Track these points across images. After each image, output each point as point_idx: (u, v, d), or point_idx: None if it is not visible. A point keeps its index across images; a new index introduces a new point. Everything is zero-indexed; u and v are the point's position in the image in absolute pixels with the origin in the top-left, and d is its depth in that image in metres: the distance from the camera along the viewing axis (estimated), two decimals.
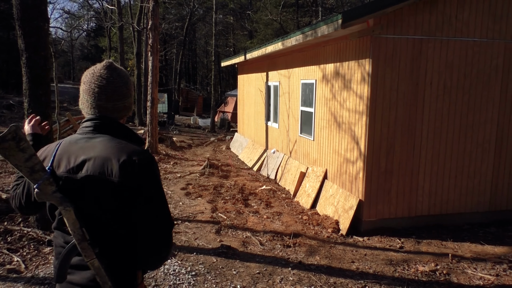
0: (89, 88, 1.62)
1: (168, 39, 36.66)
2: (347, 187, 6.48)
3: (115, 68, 1.67)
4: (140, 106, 21.61)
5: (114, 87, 1.62)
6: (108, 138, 1.57)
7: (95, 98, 1.61)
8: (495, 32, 6.20)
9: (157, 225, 1.53)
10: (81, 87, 1.66)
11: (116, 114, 1.65)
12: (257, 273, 4.61)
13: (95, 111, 1.62)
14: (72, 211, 1.48)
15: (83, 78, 1.66)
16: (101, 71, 1.63)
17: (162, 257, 1.58)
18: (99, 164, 1.49)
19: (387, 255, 5.24)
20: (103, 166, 1.49)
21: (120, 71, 1.68)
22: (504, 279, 4.62)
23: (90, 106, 1.62)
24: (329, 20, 5.81)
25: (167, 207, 1.58)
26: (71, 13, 43.68)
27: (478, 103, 6.31)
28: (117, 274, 1.55)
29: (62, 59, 56.29)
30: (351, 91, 6.31)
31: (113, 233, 1.55)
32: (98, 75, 1.62)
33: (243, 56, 12.04)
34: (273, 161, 10.00)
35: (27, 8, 5.13)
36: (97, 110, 1.62)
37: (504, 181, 6.62)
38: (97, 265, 1.50)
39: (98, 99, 1.61)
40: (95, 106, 1.61)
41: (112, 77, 1.63)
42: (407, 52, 5.89)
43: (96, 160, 1.50)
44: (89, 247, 1.50)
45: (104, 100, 1.61)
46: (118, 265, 1.56)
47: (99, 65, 1.66)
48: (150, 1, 12.11)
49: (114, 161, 1.48)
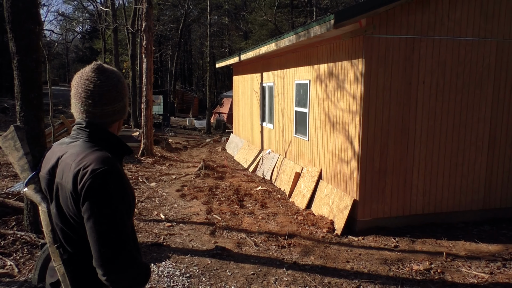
0: (77, 93, 1.56)
1: (163, 40, 36.62)
2: (341, 187, 6.49)
3: (103, 70, 1.58)
4: (135, 108, 21.56)
5: (101, 91, 1.54)
6: (81, 143, 1.52)
7: (82, 103, 1.55)
8: (486, 31, 6.23)
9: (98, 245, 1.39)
10: (71, 91, 1.61)
11: (105, 119, 1.58)
12: (251, 274, 4.61)
13: (83, 116, 1.56)
14: (46, 212, 1.47)
15: (72, 82, 1.61)
16: (89, 74, 1.56)
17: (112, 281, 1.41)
18: (62, 169, 1.47)
19: (381, 255, 5.25)
20: (65, 172, 1.45)
21: (110, 73, 1.59)
22: (498, 277, 4.64)
23: (78, 111, 1.56)
24: (321, 20, 5.82)
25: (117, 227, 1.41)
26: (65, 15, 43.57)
27: (471, 102, 6.33)
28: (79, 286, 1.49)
29: (57, 62, 56.11)
30: (345, 91, 6.32)
31: (79, 242, 1.48)
32: (85, 78, 1.55)
33: (237, 57, 12.05)
34: (268, 162, 10.00)
35: (18, 11, 5.10)
36: (84, 115, 1.56)
37: (498, 179, 6.64)
38: (62, 271, 1.45)
39: (85, 104, 1.54)
40: (83, 111, 1.55)
41: (99, 80, 1.55)
42: (399, 51, 5.90)
43: (62, 164, 1.48)
44: (56, 251, 1.46)
45: (91, 105, 1.54)
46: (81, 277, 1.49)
47: (87, 68, 1.59)
48: (144, 3, 12.09)
49: (72, 169, 1.44)
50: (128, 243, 1.45)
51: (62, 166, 1.47)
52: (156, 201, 7.53)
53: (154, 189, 8.43)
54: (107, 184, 1.41)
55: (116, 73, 1.62)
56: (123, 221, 1.44)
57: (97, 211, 1.39)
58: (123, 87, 1.63)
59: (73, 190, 1.41)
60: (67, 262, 1.46)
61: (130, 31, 21.36)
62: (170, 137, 17.23)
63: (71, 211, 1.44)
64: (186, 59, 44.49)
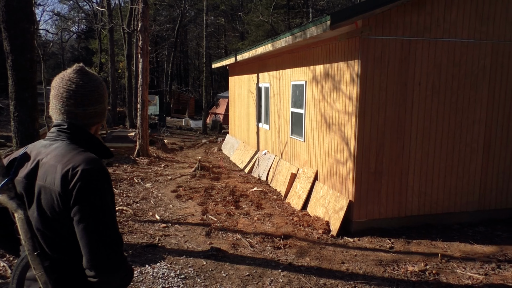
0: (58, 93, 1.53)
1: (159, 40, 36.53)
2: (337, 188, 6.48)
3: (86, 72, 1.58)
4: (131, 108, 21.49)
5: (83, 92, 1.53)
6: (64, 145, 1.50)
7: (63, 103, 1.52)
8: (482, 33, 6.25)
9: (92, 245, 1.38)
10: (51, 93, 1.58)
11: (86, 121, 1.57)
12: (246, 275, 4.59)
13: (63, 117, 1.54)
14: (23, 219, 1.42)
15: (52, 83, 1.58)
16: (71, 75, 1.55)
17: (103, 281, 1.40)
18: (47, 172, 1.44)
19: (377, 256, 5.25)
20: (50, 174, 1.43)
21: (92, 76, 1.59)
22: (493, 278, 4.65)
23: (58, 111, 1.54)
24: (318, 21, 5.82)
25: (109, 226, 1.42)
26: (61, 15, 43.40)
27: (466, 104, 6.35)
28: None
29: (52, 62, 55.83)
30: (341, 92, 6.32)
31: (62, 248, 1.46)
32: (67, 79, 1.54)
33: (234, 57, 12.03)
34: (264, 163, 9.99)
35: (12, 10, 5.07)
36: (65, 116, 1.54)
37: (493, 180, 6.67)
38: (44, 279, 1.41)
39: (67, 104, 1.52)
40: (63, 111, 1.53)
41: (82, 81, 1.54)
42: (395, 53, 5.91)
43: (45, 166, 1.45)
44: (37, 259, 1.42)
45: (73, 106, 1.53)
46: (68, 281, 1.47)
47: (69, 69, 1.58)
48: (140, 3, 12.05)
49: (58, 170, 1.41)
50: (120, 242, 1.45)
51: (45, 168, 1.44)
52: (151, 202, 7.50)
53: (150, 189, 8.40)
54: (98, 184, 1.41)
55: (97, 76, 1.62)
56: (112, 220, 1.44)
57: (91, 211, 1.38)
58: (104, 90, 1.63)
59: (61, 191, 1.39)
60: (49, 270, 1.42)
61: (126, 31, 21.30)
62: (166, 138, 17.19)
63: (58, 213, 1.41)
64: (182, 59, 44.41)
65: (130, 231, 5.88)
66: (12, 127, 5.34)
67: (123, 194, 7.90)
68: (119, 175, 9.46)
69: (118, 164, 10.78)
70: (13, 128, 5.32)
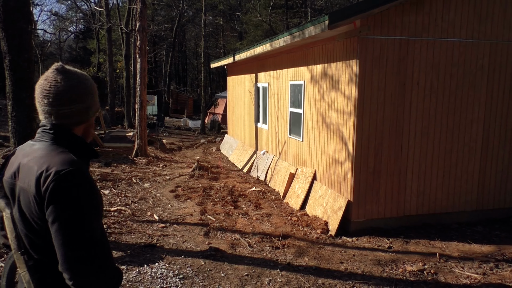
0: (37, 93, 1.52)
1: (157, 40, 36.50)
2: (336, 187, 6.48)
3: (63, 71, 1.52)
4: (129, 108, 21.46)
5: (56, 91, 1.48)
6: (45, 146, 1.48)
7: (39, 103, 1.51)
8: (480, 32, 6.26)
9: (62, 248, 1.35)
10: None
11: (64, 120, 1.51)
12: (245, 275, 4.59)
13: (44, 117, 1.52)
14: (9, 219, 1.43)
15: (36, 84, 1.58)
16: (48, 75, 1.51)
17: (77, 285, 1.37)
18: (25, 173, 1.43)
19: (375, 255, 5.25)
20: (28, 176, 1.42)
21: (71, 75, 1.53)
22: (491, 278, 4.66)
23: (39, 111, 1.53)
24: (316, 21, 5.82)
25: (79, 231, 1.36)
26: (58, 15, 43.30)
27: (465, 103, 6.36)
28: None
29: (50, 62, 55.68)
30: (339, 92, 6.32)
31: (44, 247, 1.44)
32: (44, 78, 1.51)
33: (232, 57, 12.02)
34: (263, 163, 9.99)
35: (9, 9, 5.06)
36: (43, 116, 1.52)
37: (491, 180, 6.68)
38: (27, 279, 1.41)
39: (42, 104, 1.50)
40: (41, 111, 1.51)
41: (55, 80, 1.49)
42: (394, 52, 5.91)
43: (24, 168, 1.44)
44: (21, 258, 1.42)
45: (48, 105, 1.49)
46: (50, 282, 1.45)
47: (49, 69, 1.55)
48: (138, 3, 12.03)
49: (34, 171, 1.40)
50: (95, 246, 1.39)
51: (25, 170, 1.44)
52: (149, 202, 7.49)
53: (148, 189, 8.38)
54: (71, 186, 1.37)
55: (77, 74, 1.56)
56: (89, 223, 1.39)
57: (62, 213, 1.35)
58: (85, 89, 1.55)
59: (36, 193, 1.37)
60: (33, 269, 1.42)
61: (124, 31, 21.27)
62: (164, 138, 17.17)
63: (35, 215, 1.40)
64: (181, 59, 44.39)
65: (129, 231, 5.87)
66: (10, 127, 5.33)
67: (121, 194, 7.88)
68: (118, 175, 9.44)
69: (117, 164, 10.76)
70: (11, 128, 5.31)
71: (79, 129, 1.59)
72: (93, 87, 1.60)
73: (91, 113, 1.60)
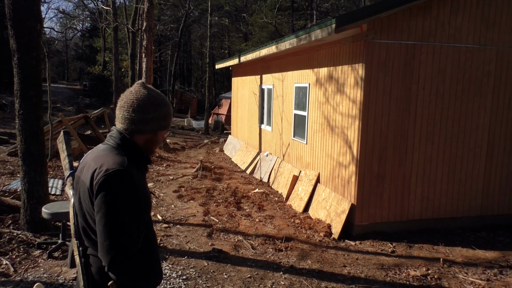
0: (119, 103, 1.76)
1: (163, 40, 36.59)
2: (339, 191, 6.48)
3: (146, 87, 1.78)
4: None
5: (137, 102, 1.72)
6: (107, 148, 1.70)
7: (119, 110, 1.76)
8: (487, 38, 6.25)
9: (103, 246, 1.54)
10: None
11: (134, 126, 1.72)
12: (248, 277, 4.59)
13: (118, 122, 1.76)
14: (72, 207, 1.67)
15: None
16: (131, 88, 1.78)
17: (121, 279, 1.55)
18: (87, 169, 1.66)
19: (378, 260, 5.25)
20: (87, 171, 1.64)
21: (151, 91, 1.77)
22: (495, 284, 4.64)
23: (116, 118, 1.77)
24: (323, 24, 5.83)
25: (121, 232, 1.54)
26: (65, 13, 43.51)
27: (470, 109, 6.35)
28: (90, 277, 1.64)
29: (56, 59, 56.01)
30: (344, 95, 6.32)
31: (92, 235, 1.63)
32: (129, 91, 1.77)
33: (237, 58, 12.04)
34: (266, 164, 9.99)
35: (19, 8, 5.09)
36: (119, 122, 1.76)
37: (495, 186, 6.66)
38: (77, 261, 1.62)
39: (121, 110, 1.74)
40: (119, 117, 1.75)
41: (139, 92, 1.74)
42: (400, 57, 5.91)
43: (87, 165, 1.68)
44: (76, 243, 1.64)
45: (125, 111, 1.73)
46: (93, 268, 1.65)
47: (134, 84, 1.82)
48: (145, 3, 12.07)
49: (92, 168, 1.62)
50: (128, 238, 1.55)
51: (87, 166, 1.67)
52: (153, 202, 7.51)
53: (151, 189, 8.41)
54: (115, 182, 1.55)
55: (157, 92, 1.79)
56: (125, 217, 1.56)
57: (104, 206, 1.53)
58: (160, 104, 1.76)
59: (89, 186, 1.59)
60: (82, 254, 1.64)
61: (130, 30, 21.34)
62: (168, 137, 17.20)
63: (88, 206, 1.62)
64: (186, 59, 44.47)
65: None
66: (17, 125, 5.36)
67: None
68: None
69: None
70: (18, 126, 5.34)
71: (142, 137, 1.76)
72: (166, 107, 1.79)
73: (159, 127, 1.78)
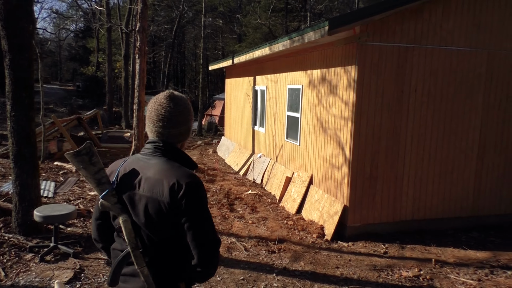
0: (150, 116, 1.81)
1: (156, 41, 36.50)
2: (332, 192, 6.51)
3: (174, 98, 1.82)
4: (127, 108, 21.44)
5: (170, 116, 1.77)
6: (163, 161, 1.75)
7: (153, 125, 1.79)
8: (478, 41, 6.31)
9: (202, 244, 1.68)
10: (146, 114, 1.90)
11: (172, 140, 1.80)
12: (241, 280, 4.60)
13: (154, 136, 1.81)
14: (129, 222, 1.68)
15: (147, 106, 1.88)
16: (162, 101, 1.80)
17: (208, 274, 1.74)
18: (153, 184, 1.68)
19: (371, 261, 5.27)
20: (156, 187, 1.67)
21: (179, 101, 1.82)
22: (486, 284, 4.69)
23: (150, 131, 1.81)
24: (316, 26, 5.85)
25: (212, 227, 1.72)
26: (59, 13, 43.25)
27: (461, 111, 6.41)
28: (161, 282, 1.72)
29: (49, 60, 55.58)
30: (337, 97, 6.36)
31: (161, 246, 1.71)
32: (158, 104, 1.79)
33: (230, 60, 12.05)
34: (259, 166, 10.00)
35: (11, 8, 5.06)
36: (155, 135, 1.80)
37: (486, 187, 6.72)
38: (146, 273, 1.67)
39: (156, 126, 1.79)
40: (154, 131, 1.80)
41: (169, 106, 1.78)
42: (392, 59, 5.96)
43: (151, 180, 1.69)
44: (140, 255, 1.67)
45: (161, 127, 1.78)
46: (163, 275, 1.73)
47: (161, 94, 1.83)
48: (139, 3, 12.01)
49: (165, 183, 1.66)
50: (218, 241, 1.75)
51: (151, 182, 1.69)
52: None
53: None
54: (200, 191, 1.69)
55: (183, 100, 1.86)
56: (211, 221, 1.75)
57: (197, 211, 1.68)
58: (188, 113, 1.85)
59: (170, 201, 1.64)
60: (149, 264, 1.69)
61: (124, 31, 21.26)
62: None
63: (165, 219, 1.66)
64: (179, 60, 44.36)
65: None
66: (9, 127, 5.31)
67: None
68: None
69: None
70: (9, 128, 5.30)
71: (179, 145, 1.87)
72: (192, 111, 1.90)
73: (190, 134, 1.92)
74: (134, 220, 1.70)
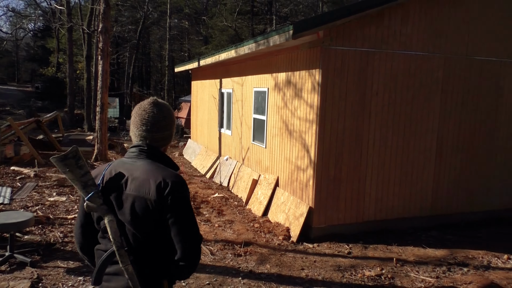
0: (134, 120, 1.90)
1: (120, 42, 35.69)
2: (298, 194, 6.58)
3: (157, 104, 1.92)
4: (89, 111, 20.84)
5: (153, 121, 1.87)
6: (148, 162, 1.83)
7: (137, 129, 1.89)
8: (435, 46, 6.57)
9: (186, 239, 1.75)
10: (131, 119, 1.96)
11: (155, 143, 1.89)
12: (207, 284, 4.55)
13: (138, 139, 1.89)
14: (114, 222, 1.74)
15: (132, 111, 1.96)
16: (146, 106, 1.89)
17: (191, 267, 1.80)
18: (139, 184, 1.75)
19: (335, 261, 5.36)
20: (143, 186, 1.74)
21: (162, 107, 1.92)
22: (444, 281, 4.87)
23: (134, 135, 1.90)
24: (281, 30, 5.91)
25: (195, 225, 1.80)
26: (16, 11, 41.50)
27: (420, 114, 6.64)
28: (145, 280, 1.76)
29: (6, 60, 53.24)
30: (302, 100, 6.43)
31: (145, 244, 1.76)
32: (142, 109, 1.89)
33: (197, 62, 11.96)
34: (226, 168, 9.97)
35: None
36: (138, 139, 1.89)
37: (444, 187, 6.99)
38: (131, 270, 1.71)
39: (140, 130, 1.88)
40: (138, 135, 1.89)
41: (153, 112, 1.88)
42: (355, 63, 6.09)
43: (138, 180, 1.76)
44: (125, 254, 1.72)
45: (145, 131, 1.87)
46: (146, 273, 1.77)
47: (145, 101, 1.94)
48: (101, 4, 11.74)
49: (152, 182, 1.73)
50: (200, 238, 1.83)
51: (139, 182, 1.76)
52: None
53: None
54: (185, 191, 1.79)
55: (166, 106, 1.96)
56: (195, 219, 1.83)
57: (182, 209, 1.75)
58: (172, 119, 1.96)
59: (157, 198, 1.71)
60: (133, 262, 1.73)
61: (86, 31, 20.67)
62: (126, 142, 16.78)
63: (151, 216, 1.73)
64: (145, 61, 43.58)
65: None
66: None
67: (78, 201, 7.62)
68: None
69: None
70: None
71: (162, 149, 1.97)
72: (174, 119, 2.00)
73: (172, 138, 2.01)
74: (120, 219, 1.75)
